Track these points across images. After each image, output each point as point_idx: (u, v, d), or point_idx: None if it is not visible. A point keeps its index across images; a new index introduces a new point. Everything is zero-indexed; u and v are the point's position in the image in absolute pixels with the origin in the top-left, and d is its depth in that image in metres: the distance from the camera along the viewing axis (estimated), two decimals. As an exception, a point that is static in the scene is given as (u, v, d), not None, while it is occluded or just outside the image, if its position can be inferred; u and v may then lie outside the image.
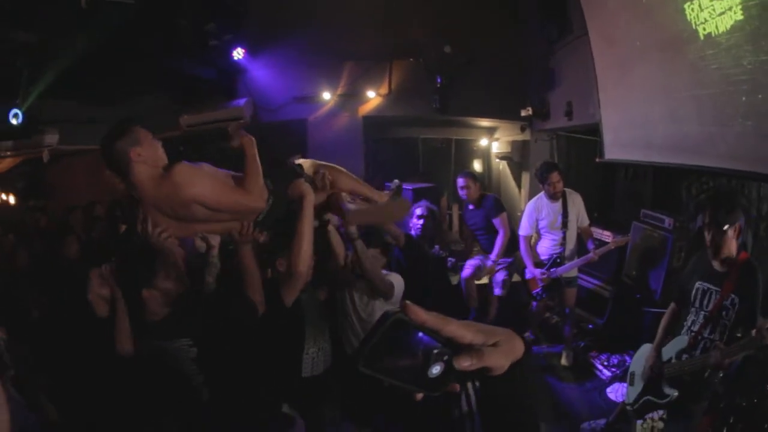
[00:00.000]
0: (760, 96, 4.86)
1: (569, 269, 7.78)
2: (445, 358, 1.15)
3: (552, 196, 7.78)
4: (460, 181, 8.57)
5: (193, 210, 3.57)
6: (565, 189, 7.81)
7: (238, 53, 10.45)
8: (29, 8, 7.27)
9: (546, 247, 8.00)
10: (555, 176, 7.70)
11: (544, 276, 7.78)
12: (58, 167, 13.11)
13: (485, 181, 12.99)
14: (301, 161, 4.56)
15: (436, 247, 8.83)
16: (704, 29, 5.46)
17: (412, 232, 7.40)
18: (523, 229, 8.10)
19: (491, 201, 8.52)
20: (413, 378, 1.15)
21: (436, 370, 1.14)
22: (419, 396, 1.18)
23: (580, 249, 7.96)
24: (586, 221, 7.92)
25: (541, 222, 7.93)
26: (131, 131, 3.49)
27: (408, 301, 1.14)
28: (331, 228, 5.09)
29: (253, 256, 4.08)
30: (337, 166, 4.65)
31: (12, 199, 15.73)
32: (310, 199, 4.11)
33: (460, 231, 11.95)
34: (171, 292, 3.76)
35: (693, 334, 4.77)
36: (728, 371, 4.44)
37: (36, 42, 8.11)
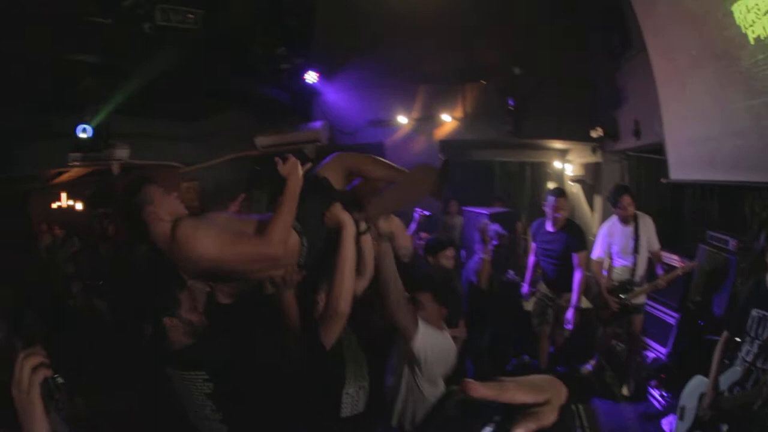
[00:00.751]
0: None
1: (638, 296, 7.43)
2: (497, 418, 1.10)
3: (624, 220, 7.45)
4: (553, 201, 7.55)
5: (207, 267, 3.36)
6: (637, 212, 7.48)
7: (311, 77, 10.60)
8: (93, 33, 7.62)
9: (617, 273, 7.64)
10: (626, 199, 7.35)
11: (614, 302, 7.42)
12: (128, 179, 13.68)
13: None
14: (325, 170, 3.97)
15: (511, 272, 8.47)
16: (753, 32, 5.18)
17: (483, 254, 7.25)
18: (596, 254, 7.76)
19: (578, 231, 7.87)
20: None
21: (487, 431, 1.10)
22: None
23: (649, 274, 7.58)
24: (656, 245, 7.52)
25: (614, 246, 7.59)
26: (143, 190, 3.42)
27: (468, 380, 1.08)
28: (365, 238, 4.22)
29: (295, 302, 3.78)
30: (365, 155, 4.16)
31: (79, 205, 16.65)
32: (350, 231, 3.71)
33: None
34: (195, 325, 3.52)
35: (746, 365, 4.45)
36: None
37: (101, 63, 8.51)
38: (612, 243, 7.56)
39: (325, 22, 10.42)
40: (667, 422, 6.66)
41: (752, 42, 5.23)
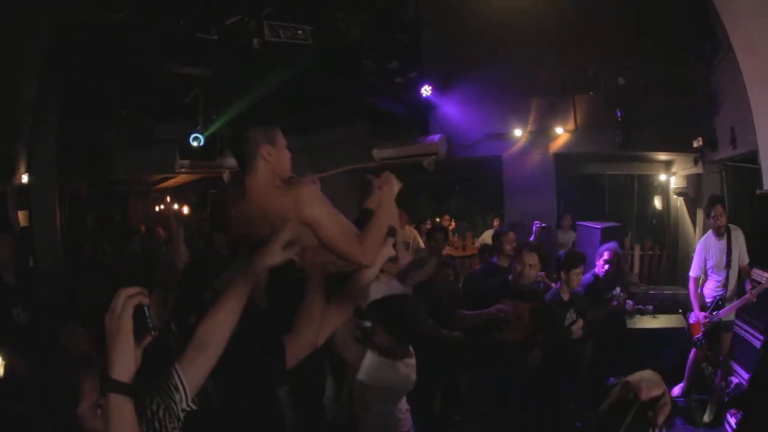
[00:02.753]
0: None
1: (729, 312, 7.36)
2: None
3: (716, 231, 7.47)
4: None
5: (302, 232, 3.12)
6: (729, 225, 7.46)
7: (426, 90, 10.93)
8: (200, 47, 8.17)
9: (710, 289, 7.62)
10: (718, 209, 7.43)
11: (707, 320, 7.41)
12: (238, 187, 14.30)
13: (664, 221, 12.73)
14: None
15: (617, 288, 8.38)
16: None
17: (597, 270, 7.50)
18: (693, 270, 7.79)
19: None
20: None
21: None
22: None
23: (739, 290, 7.49)
24: (746, 260, 7.47)
25: (709, 262, 7.59)
26: (270, 129, 3.39)
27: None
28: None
29: (321, 290, 3.31)
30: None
31: (186, 210, 17.40)
32: (391, 193, 3.40)
33: (640, 273, 11.82)
34: None
35: None
36: None
37: (209, 76, 9.12)
38: (708, 258, 7.58)
39: (433, 36, 10.83)
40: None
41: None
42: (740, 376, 7.81)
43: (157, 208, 18.28)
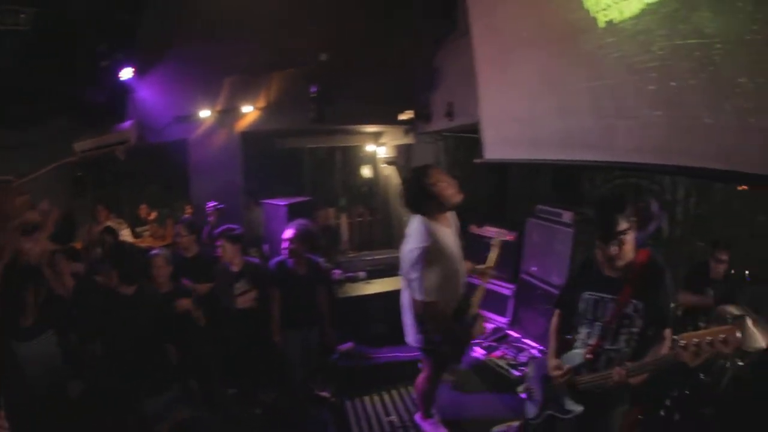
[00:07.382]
0: (673, 83, 4.55)
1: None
2: None
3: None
4: None
5: None
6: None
7: (126, 73, 10.20)
8: None
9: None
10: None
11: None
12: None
13: (373, 187, 13.34)
14: None
15: (321, 260, 8.06)
16: (605, 16, 5.24)
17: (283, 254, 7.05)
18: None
19: None
20: None
21: None
22: None
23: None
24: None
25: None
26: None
27: None
28: None
29: None
30: None
31: None
32: None
33: (350, 241, 12.36)
34: None
35: (590, 347, 4.19)
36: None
37: None
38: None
39: (152, 14, 10.16)
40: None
41: (602, 25, 5.30)
42: (496, 321, 8.83)
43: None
